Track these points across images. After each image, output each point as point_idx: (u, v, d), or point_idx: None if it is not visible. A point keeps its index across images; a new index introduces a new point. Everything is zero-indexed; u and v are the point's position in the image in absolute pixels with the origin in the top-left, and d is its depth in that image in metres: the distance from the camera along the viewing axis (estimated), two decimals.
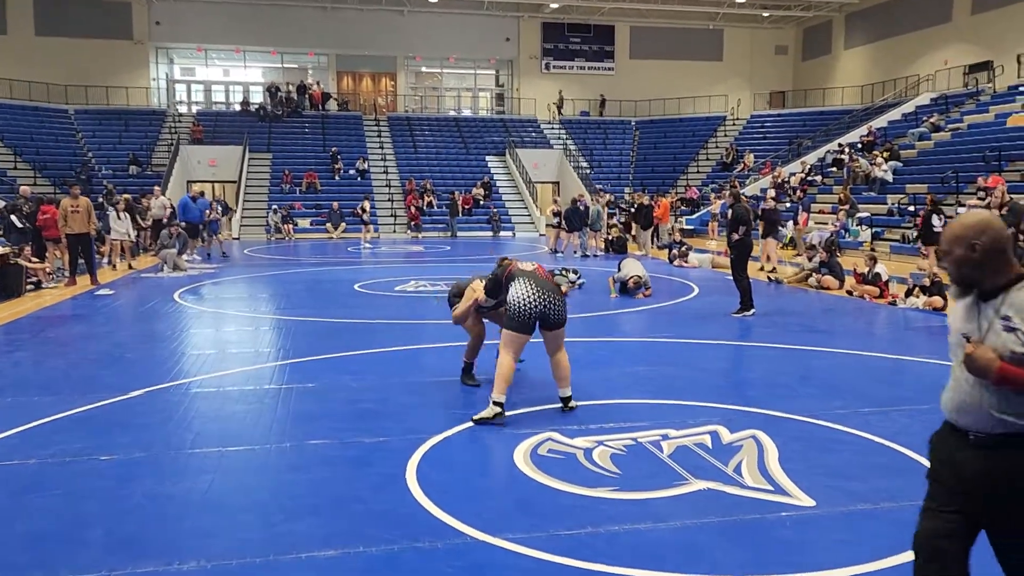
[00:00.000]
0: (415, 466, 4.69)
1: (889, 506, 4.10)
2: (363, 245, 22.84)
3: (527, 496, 4.25)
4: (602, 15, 36.42)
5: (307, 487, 4.41)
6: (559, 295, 5.80)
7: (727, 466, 4.69)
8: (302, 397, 6.32)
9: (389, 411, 5.92)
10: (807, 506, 4.11)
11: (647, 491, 4.30)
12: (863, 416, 5.75)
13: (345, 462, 4.81)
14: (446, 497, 4.22)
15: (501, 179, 31.53)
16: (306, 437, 5.29)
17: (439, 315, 10.55)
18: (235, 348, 8.38)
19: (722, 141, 35.13)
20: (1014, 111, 23.66)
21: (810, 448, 5.06)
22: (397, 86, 37.25)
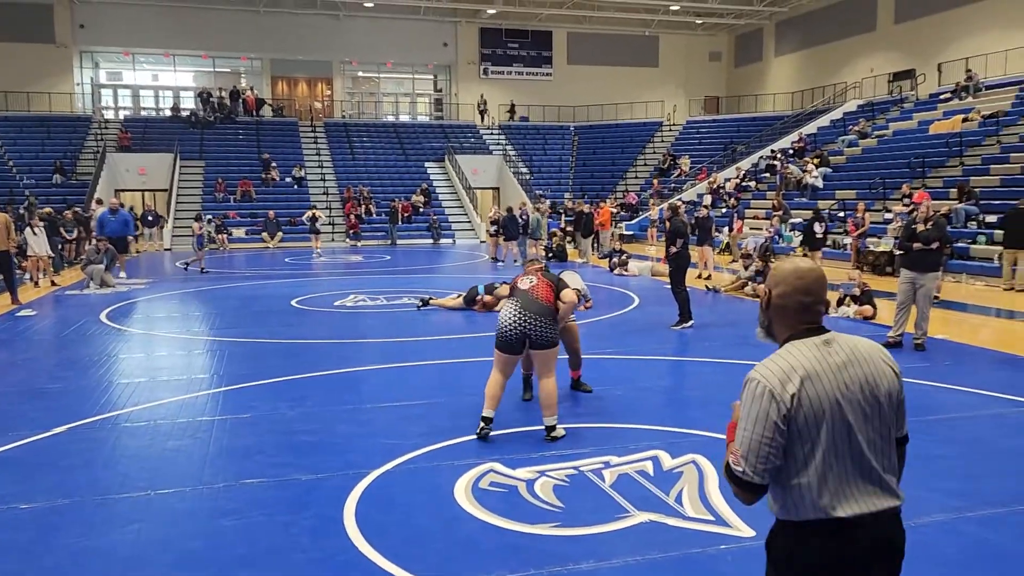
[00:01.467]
0: (354, 506, 4.57)
1: None
2: (315, 254, 22.45)
3: (470, 536, 4.19)
4: (540, 21, 36.59)
5: (241, 535, 4.26)
6: (545, 315, 5.71)
7: (668, 495, 4.70)
8: (236, 429, 6.13)
9: (327, 443, 5.78)
10: (747, 537, 4.14)
11: (590, 526, 4.28)
12: None
13: (281, 504, 4.66)
14: (387, 541, 4.12)
15: (441, 185, 31.37)
16: (240, 476, 5.12)
17: (379, 333, 10.43)
18: (166, 375, 8.09)
19: (659, 146, 35.63)
20: (935, 119, 24.58)
21: None
22: (334, 91, 36.76)
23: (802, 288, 2.18)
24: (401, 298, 13.53)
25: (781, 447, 2.06)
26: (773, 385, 2.06)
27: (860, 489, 2.07)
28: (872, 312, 11.20)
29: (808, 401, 2.05)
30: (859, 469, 2.08)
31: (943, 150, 21.58)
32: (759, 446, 2.06)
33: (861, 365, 2.12)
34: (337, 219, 27.95)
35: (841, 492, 2.05)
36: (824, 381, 2.07)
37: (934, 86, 27.71)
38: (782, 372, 2.08)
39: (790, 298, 2.18)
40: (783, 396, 2.05)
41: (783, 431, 2.05)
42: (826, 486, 2.05)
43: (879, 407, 2.11)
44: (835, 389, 2.07)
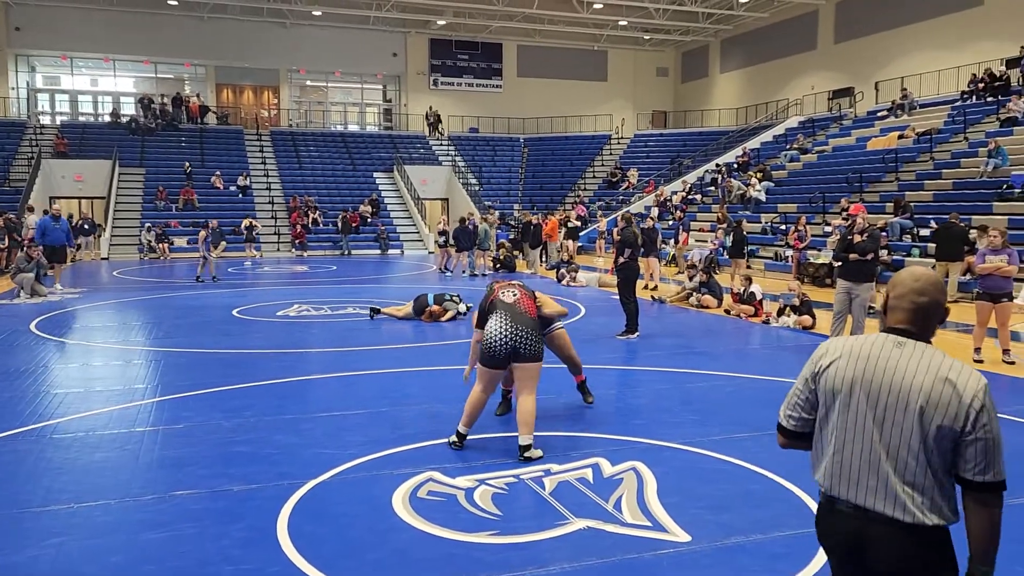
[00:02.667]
0: (287, 517, 4.47)
1: (760, 538, 4.20)
2: (246, 264, 22.06)
3: (405, 546, 4.12)
4: (490, 33, 36.74)
5: (170, 547, 4.12)
6: (534, 328, 5.66)
7: (607, 502, 4.70)
8: (169, 441, 5.95)
9: (263, 454, 5.65)
10: (683, 542, 4.16)
11: (528, 533, 4.25)
12: (738, 442, 5.91)
13: (212, 515, 4.53)
14: (319, 551, 4.03)
15: (389, 196, 31.18)
16: (171, 488, 4.96)
17: (322, 343, 10.27)
18: (98, 386, 7.83)
19: (608, 159, 36.03)
20: (873, 135, 25.35)
21: (688, 478, 5.15)
22: (280, 100, 36.32)
23: (918, 288, 2.29)
24: (346, 308, 13.37)
25: (809, 403, 2.35)
26: (818, 354, 2.38)
27: (861, 480, 2.20)
28: (811, 322, 11.43)
29: (832, 374, 2.29)
30: (867, 462, 2.20)
31: (880, 166, 22.25)
32: (793, 396, 2.41)
33: (913, 374, 2.17)
34: (283, 229, 27.54)
35: (844, 474, 2.23)
36: (856, 365, 2.25)
37: (871, 104, 28.59)
38: (830, 346, 2.37)
39: (903, 299, 2.31)
40: (819, 363, 2.35)
41: (811, 389, 2.35)
42: (831, 459, 2.26)
43: (918, 423, 2.14)
44: (860, 376, 2.23)
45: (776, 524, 4.38)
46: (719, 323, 12.24)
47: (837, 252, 9.58)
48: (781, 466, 5.33)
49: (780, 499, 4.79)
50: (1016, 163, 18.36)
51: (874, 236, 9.50)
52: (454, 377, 8.39)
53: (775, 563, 3.91)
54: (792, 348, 10.15)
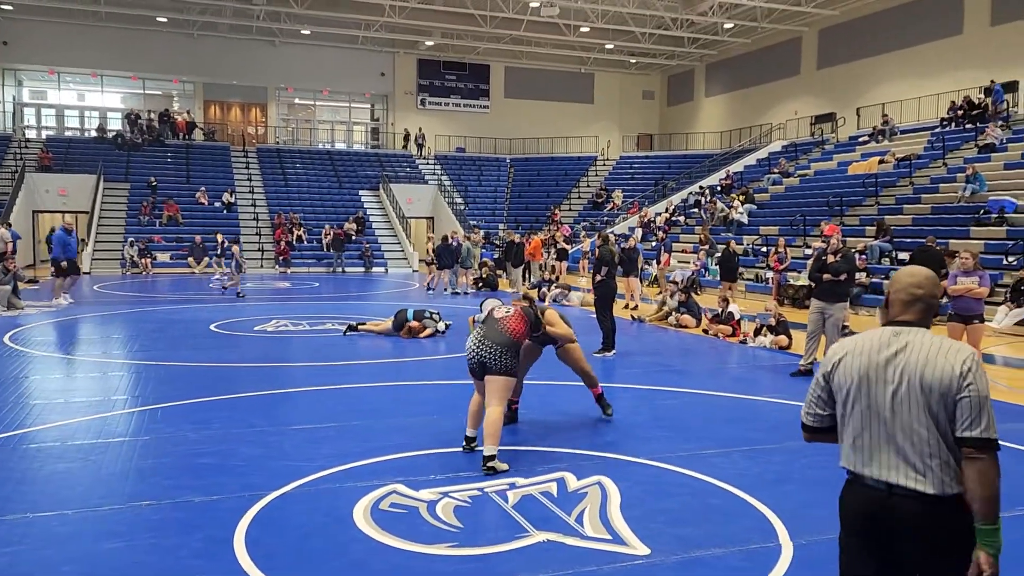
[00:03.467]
0: (245, 528, 4.43)
1: (719, 552, 4.20)
2: (215, 280, 22.01)
3: (361, 557, 4.09)
4: (477, 54, 37.01)
5: (123, 558, 4.08)
6: (504, 345, 5.70)
7: (569, 515, 4.69)
8: (134, 452, 5.90)
9: (229, 465, 5.61)
10: (642, 555, 4.16)
11: (486, 546, 4.24)
12: (705, 458, 5.92)
13: (170, 526, 4.49)
14: (275, 562, 4.00)
15: (374, 214, 31.19)
16: (131, 498, 4.92)
17: (297, 357, 10.24)
18: (65, 397, 7.77)
19: (593, 180, 36.24)
20: (854, 160, 25.64)
21: (652, 493, 5.15)
22: (268, 117, 36.38)
23: (915, 282, 2.55)
24: (325, 323, 13.34)
25: (823, 401, 2.61)
26: (829, 355, 2.62)
27: (883, 457, 2.42)
28: (787, 342, 11.49)
29: (842, 370, 2.53)
30: (886, 440, 2.42)
31: (860, 190, 22.49)
32: (809, 395, 2.67)
33: (911, 355, 2.42)
34: (267, 245, 27.49)
35: (865, 453, 2.45)
36: (861, 358, 2.49)
37: (853, 129, 28.94)
38: (837, 347, 2.62)
39: (900, 293, 2.56)
40: (829, 362, 2.59)
41: (825, 388, 2.60)
42: (854, 444, 2.49)
43: (921, 396, 2.36)
44: (866, 366, 2.47)
45: (736, 538, 4.39)
46: (696, 342, 12.28)
47: (811, 272, 9.66)
48: (745, 481, 5.34)
49: (742, 514, 4.79)
50: (993, 189, 18.60)
51: (848, 257, 9.58)
52: (428, 392, 8.41)
53: None
54: (767, 368, 10.20)
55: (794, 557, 4.13)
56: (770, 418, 7.40)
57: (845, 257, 9.54)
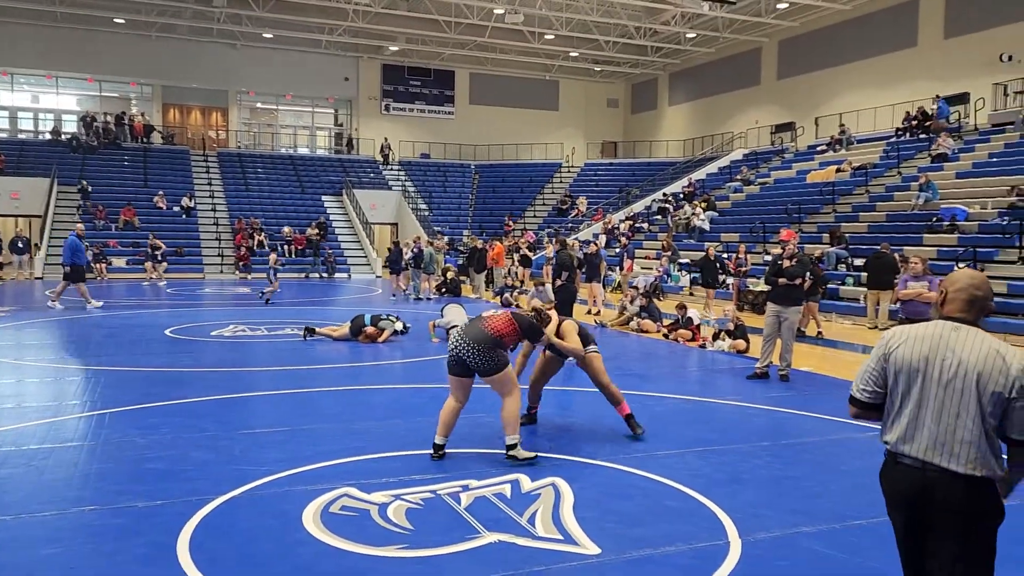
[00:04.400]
0: (190, 534, 4.33)
1: (669, 551, 4.20)
2: (153, 281, 21.72)
3: (308, 561, 4.02)
4: (442, 60, 36.98)
5: (60, 564, 3.95)
6: (482, 343, 5.63)
7: (522, 516, 4.66)
8: (79, 457, 5.75)
9: (175, 470, 5.48)
10: (592, 554, 4.14)
11: (436, 547, 4.19)
12: (660, 459, 5.94)
13: (110, 532, 4.37)
14: (219, 567, 3.91)
15: (338, 219, 30.97)
16: (72, 504, 4.78)
17: (253, 362, 10.09)
18: (15, 402, 7.54)
19: (558, 187, 36.37)
20: (812, 168, 26.07)
21: (605, 494, 5.14)
22: (229, 121, 35.94)
23: (975, 284, 2.76)
24: (284, 328, 13.18)
25: (879, 379, 2.78)
26: (887, 337, 2.81)
27: (925, 438, 2.64)
28: (745, 346, 11.61)
29: (900, 353, 2.73)
30: (931, 424, 2.63)
31: (818, 198, 22.86)
32: (865, 372, 2.83)
33: (969, 351, 2.63)
34: (227, 250, 27.11)
35: (908, 433, 2.68)
36: (920, 346, 2.70)
37: (812, 138, 29.44)
38: (898, 331, 2.81)
39: (962, 292, 2.75)
40: (888, 344, 2.78)
41: (882, 367, 2.78)
42: (898, 423, 2.71)
43: (971, 389, 2.59)
44: (925, 354, 2.68)
45: (687, 537, 4.40)
46: (656, 347, 12.35)
47: (767, 276, 9.77)
48: (698, 482, 5.37)
49: (694, 514, 4.81)
50: (945, 197, 19.02)
51: (803, 262, 9.71)
52: (382, 396, 8.33)
53: (680, 575, 3.91)
54: (725, 371, 10.28)
55: (742, 554, 4.15)
56: (725, 420, 7.45)
57: (800, 262, 9.67)
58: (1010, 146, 20.76)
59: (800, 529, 4.54)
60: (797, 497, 5.15)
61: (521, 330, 5.94)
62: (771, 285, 9.61)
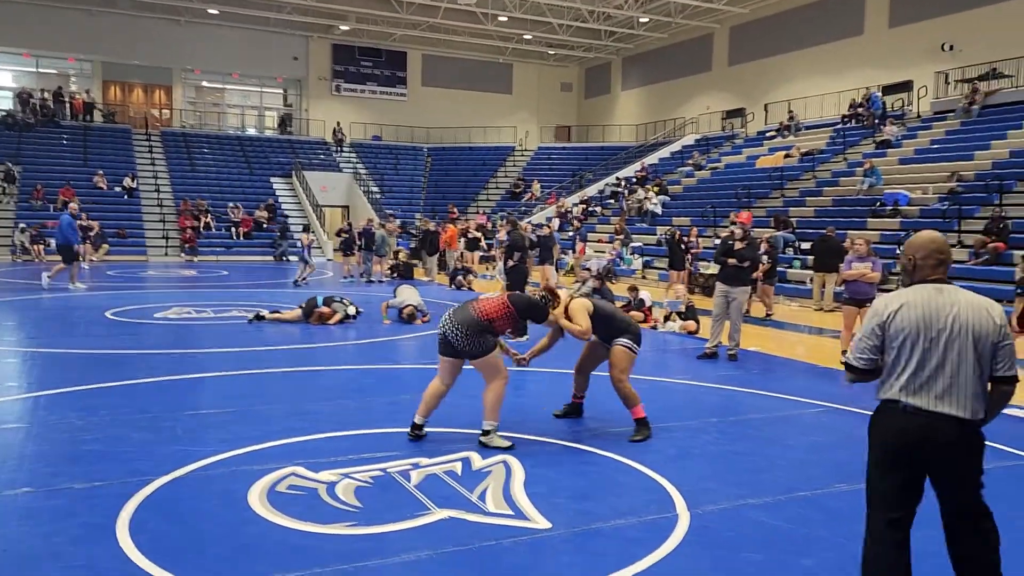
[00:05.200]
0: (130, 514, 4.20)
1: (619, 524, 4.22)
2: (89, 263, 21.19)
3: (253, 540, 3.93)
4: (394, 41, 36.48)
5: None
6: (467, 325, 5.52)
7: (472, 493, 4.63)
8: (12, 439, 5.55)
9: (115, 451, 5.32)
10: (543, 529, 4.14)
11: (385, 524, 4.14)
12: (611, 437, 5.96)
13: (46, 513, 4.22)
14: (159, 547, 3.80)
15: (287, 202, 30.43)
16: (6, 486, 4.61)
17: (197, 344, 9.86)
18: None
19: (511, 171, 36.28)
20: (762, 154, 26.46)
21: (557, 471, 5.14)
22: (173, 100, 34.98)
23: (937, 247, 3.07)
24: (230, 311, 12.90)
25: (876, 347, 3.04)
26: (880, 306, 3.05)
27: (927, 390, 2.94)
28: (695, 327, 11.75)
29: (900, 319, 2.98)
30: (936, 376, 2.92)
31: (767, 182, 23.22)
32: (863, 342, 3.07)
33: (960, 308, 2.94)
34: (171, 232, 26.45)
35: (917, 386, 2.95)
36: (917, 309, 2.96)
37: (761, 124, 29.84)
38: (890, 299, 3.05)
39: (928, 258, 3.05)
40: (882, 314, 3.02)
41: (879, 336, 3.03)
42: (903, 379, 2.97)
43: (968, 342, 2.91)
44: (924, 316, 2.95)
45: (636, 511, 4.42)
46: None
47: (717, 256, 9.87)
48: (648, 458, 5.41)
49: (644, 488, 4.84)
50: (889, 183, 19.47)
51: (753, 245, 9.85)
52: (332, 377, 8.21)
53: (630, 547, 3.93)
54: (676, 351, 10.39)
55: (690, 526, 4.19)
56: (675, 398, 7.53)
57: (751, 245, 9.80)
58: (951, 133, 21.34)
59: (747, 501, 4.60)
60: (744, 471, 5.22)
61: (519, 312, 5.77)
62: (720, 264, 9.72)
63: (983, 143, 19.55)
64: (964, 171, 18.23)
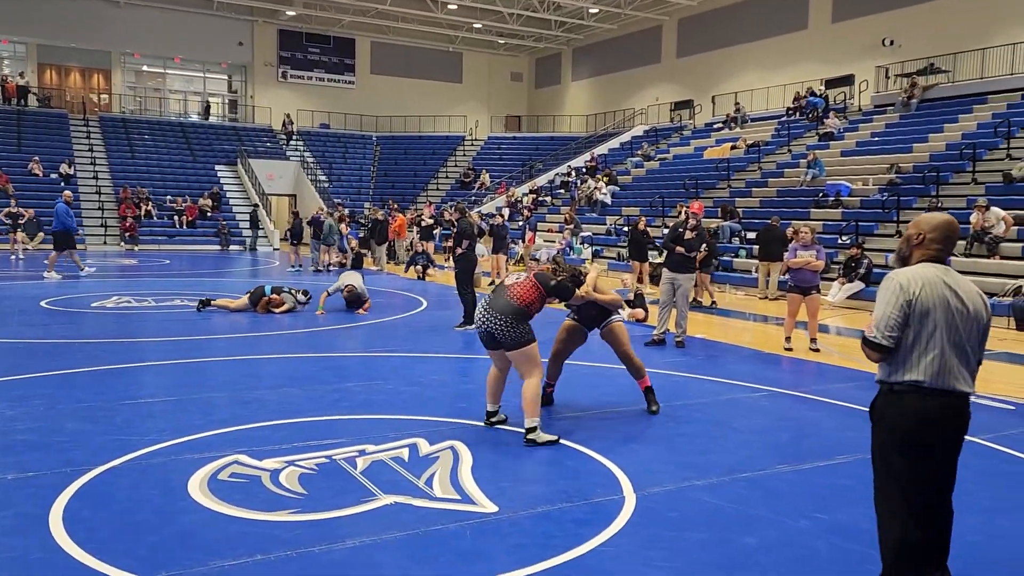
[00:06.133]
0: (64, 504, 4.07)
1: (566, 506, 4.23)
2: (21, 251, 20.57)
3: (192, 527, 3.84)
4: (342, 27, 35.96)
5: None
6: (510, 314, 5.34)
7: (419, 479, 4.60)
8: None
9: (50, 441, 5.15)
10: (490, 512, 4.13)
11: (330, 511, 4.08)
12: (558, 422, 5.98)
13: None
14: (94, 537, 3.69)
15: (232, 190, 29.82)
16: None
17: (138, 334, 9.61)
18: None
19: (461, 160, 36.13)
20: (709, 145, 26.81)
21: (505, 456, 5.14)
22: (112, 84, 33.93)
23: (952, 227, 3.10)
24: (173, 300, 12.60)
25: (901, 324, 2.95)
26: (904, 282, 2.97)
27: (950, 372, 2.93)
28: (644, 315, 11.86)
29: (924, 298, 2.94)
30: (953, 358, 2.94)
31: (715, 173, 23.55)
32: (890, 320, 2.96)
33: (965, 292, 2.99)
34: (111, 221, 25.71)
35: (940, 366, 2.93)
36: (937, 289, 2.95)
37: (709, 116, 30.24)
38: (912, 275, 2.99)
39: (937, 239, 3.05)
40: (908, 290, 2.95)
41: (906, 313, 2.94)
42: (925, 360, 2.93)
43: (973, 325, 2.98)
44: (944, 297, 2.94)
45: (583, 493, 4.44)
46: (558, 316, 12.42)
47: (666, 242, 9.96)
48: (595, 442, 5.44)
49: (591, 471, 4.86)
50: (831, 174, 19.92)
51: (701, 235, 9.95)
52: (275, 366, 8.08)
53: (577, 528, 3.95)
54: None
55: (636, 507, 4.23)
56: (624, 384, 7.56)
57: (699, 236, 9.91)
58: (891, 126, 21.90)
59: (691, 483, 4.66)
60: (689, 453, 5.28)
61: (547, 291, 5.62)
62: (668, 251, 9.81)
63: (921, 136, 20.12)
64: (903, 163, 18.74)
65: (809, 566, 3.61)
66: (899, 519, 2.99)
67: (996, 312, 12.04)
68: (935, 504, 3.00)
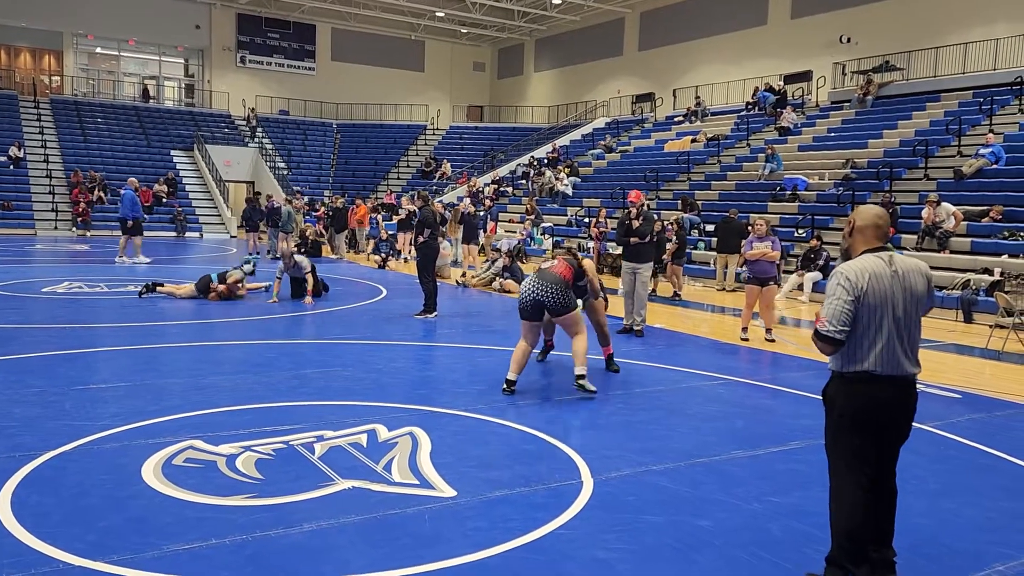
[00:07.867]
0: (11, 490, 3.97)
1: (524, 491, 4.25)
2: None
3: (144, 513, 3.78)
4: (302, 13, 35.45)
5: None
6: (558, 284, 6.36)
7: (378, 464, 4.58)
8: None
9: None
10: (448, 497, 4.13)
11: (287, 495, 4.05)
12: (519, 409, 6.00)
13: None
14: (43, 522, 3.61)
15: (188, 176, 29.26)
16: None
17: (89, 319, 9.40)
18: None
19: (423, 149, 35.93)
20: (670, 138, 27.03)
21: (463, 441, 5.14)
22: (64, 66, 33.02)
23: (879, 215, 3.25)
24: (126, 286, 12.34)
25: (852, 317, 3.07)
26: (849, 278, 3.09)
27: (897, 358, 3.08)
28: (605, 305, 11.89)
29: (871, 291, 3.07)
30: (899, 344, 3.09)
31: (675, 166, 23.76)
32: (842, 315, 3.08)
33: (908, 276, 3.12)
34: (61, 205, 25.05)
35: (884, 357, 3.07)
36: (884, 280, 3.09)
37: (670, 109, 30.47)
38: (859, 269, 3.11)
39: (868, 227, 3.20)
40: (855, 284, 3.08)
41: (855, 307, 3.07)
42: (875, 351, 3.07)
43: (915, 305, 3.12)
44: (889, 287, 3.08)
45: (541, 478, 4.46)
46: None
47: (619, 237, 10.02)
48: (554, 428, 5.47)
49: (550, 457, 4.89)
50: (788, 168, 20.23)
51: (648, 218, 10.01)
52: (230, 352, 7.96)
53: (534, 512, 3.97)
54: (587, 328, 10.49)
55: (594, 492, 4.26)
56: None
57: (647, 219, 9.96)
58: (847, 122, 22.31)
59: (649, 468, 4.71)
60: (646, 439, 5.34)
61: (574, 272, 6.69)
62: (623, 245, 9.89)
63: (875, 132, 20.53)
64: (858, 158, 19.11)
65: (763, 547, 3.68)
66: (847, 498, 3.14)
67: (945, 305, 12.39)
68: (882, 482, 3.16)
